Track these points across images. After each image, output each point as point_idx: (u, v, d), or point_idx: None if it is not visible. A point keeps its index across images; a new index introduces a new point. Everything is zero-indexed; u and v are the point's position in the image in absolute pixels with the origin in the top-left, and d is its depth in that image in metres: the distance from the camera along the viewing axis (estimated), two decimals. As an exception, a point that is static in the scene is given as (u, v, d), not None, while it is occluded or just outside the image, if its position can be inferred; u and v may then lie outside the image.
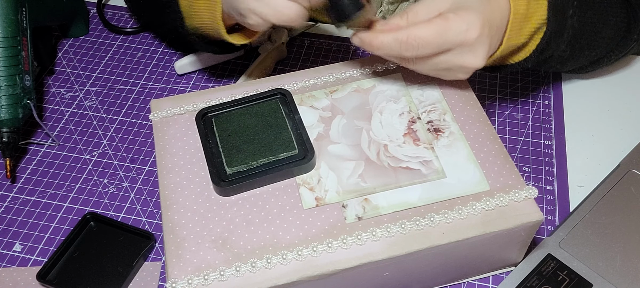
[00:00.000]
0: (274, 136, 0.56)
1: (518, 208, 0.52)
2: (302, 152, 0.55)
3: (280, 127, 0.56)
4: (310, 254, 0.49)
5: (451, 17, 0.52)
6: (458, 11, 0.53)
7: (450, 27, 0.52)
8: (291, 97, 0.59)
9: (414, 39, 0.52)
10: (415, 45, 0.52)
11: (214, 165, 0.54)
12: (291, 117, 0.58)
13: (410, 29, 0.52)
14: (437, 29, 0.52)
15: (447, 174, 0.54)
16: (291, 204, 0.52)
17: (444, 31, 0.52)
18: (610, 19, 0.65)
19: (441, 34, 0.52)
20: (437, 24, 0.52)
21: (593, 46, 0.66)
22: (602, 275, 0.56)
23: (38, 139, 0.73)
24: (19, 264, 0.62)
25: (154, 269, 0.61)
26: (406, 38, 0.52)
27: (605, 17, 0.64)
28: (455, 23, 0.52)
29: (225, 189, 0.53)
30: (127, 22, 0.88)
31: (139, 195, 0.67)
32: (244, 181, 0.53)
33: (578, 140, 0.72)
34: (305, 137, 0.56)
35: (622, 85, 0.78)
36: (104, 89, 0.79)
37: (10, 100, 0.67)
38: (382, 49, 0.54)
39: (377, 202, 0.52)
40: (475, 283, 0.59)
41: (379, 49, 0.54)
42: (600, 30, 0.64)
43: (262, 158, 0.54)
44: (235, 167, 0.54)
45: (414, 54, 0.53)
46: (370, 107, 0.59)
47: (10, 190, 0.68)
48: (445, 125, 0.58)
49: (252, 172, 0.54)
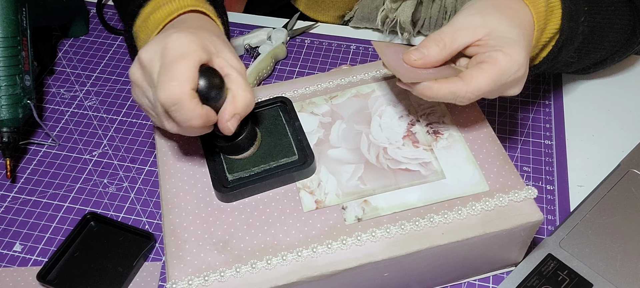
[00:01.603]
0: (275, 143, 0.56)
1: (518, 209, 0.52)
2: (302, 158, 0.55)
3: (281, 133, 0.57)
4: (310, 255, 0.49)
5: (501, 59, 0.51)
6: (505, 49, 0.51)
7: (504, 72, 0.51)
8: (291, 105, 0.60)
9: (471, 91, 0.51)
10: (472, 97, 0.52)
11: (216, 172, 0.54)
12: (291, 124, 0.58)
13: (466, 82, 0.51)
14: (493, 77, 0.51)
15: (447, 175, 0.54)
16: (291, 207, 0.52)
17: (499, 77, 0.51)
18: (617, 22, 0.64)
19: (497, 80, 0.51)
20: (491, 70, 0.51)
21: (599, 49, 0.66)
22: (603, 275, 0.56)
23: (38, 138, 0.73)
24: (19, 264, 0.62)
25: (154, 269, 0.61)
26: (463, 93, 0.51)
27: (613, 20, 0.64)
28: (508, 66, 0.51)
29: (227, 195, 0.53)
30: (127, 22, 0.88)
31: (139, 195, 0.67)
32: (245, 187, 0.53)
33: (578, 140, 0.72)
34: (305, 143, 0.56)
35: (622, 85, 0.78)
36: (104, 89, 0.79)
37: (10, 100, 0.67)
38: (436, 99, 0.53)
39: (377, 204, 0.52)
40: (475, 283, 0.59)
41: (433, 99, 0.52)
42: (607, 33, 0.64)
43: (263, 165, 0.54)
44: (237, 173, 0.54)
45: (470, 101, 0.52)
46: (370, 111, 0.59)
47: (10, 190, 0.68)
48: (444, 127, 0.58)
49: (253, 178, 0.54)
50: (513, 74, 0.52)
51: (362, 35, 0.85)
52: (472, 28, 0.53)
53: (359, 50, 0.83)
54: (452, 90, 0.51)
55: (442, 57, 0.53)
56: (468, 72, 0.52)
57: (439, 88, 0.52)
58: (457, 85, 0.51)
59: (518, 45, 0.52)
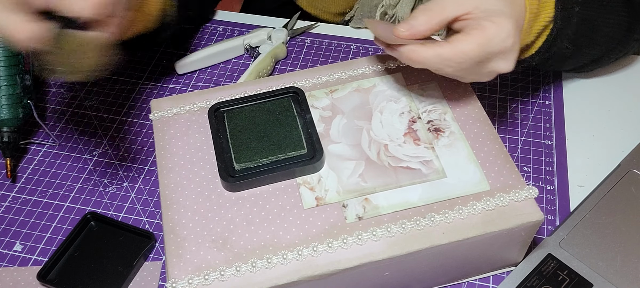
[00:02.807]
0: (284, 134, 0.56)
1: (518, 208, 0.52)
2: (310, 152, 0.55)
3: (291, 125, 0.56)
4: (311, 254, 0.49)
5: (489, 26, 0.51)
6: (492, 18, 0.52)
7: (491, 38, 0.51)
8: (304, 96, 0.59)
9: (457, 54, 0.51)
10: (458, 61, 0.51)
11: (223, 160, 0.54)
12: (302, 116, 0.58)
13: (453, 44, 0.51)
14: (479, 42, 0.51)
15: (448, 174, 0.54)
16: (291, 204, 0.52)
17: (486, 43, 0.51)
18: (612, 17, 0.65)
19: (484, 46, 0.51)
20: (478, 36, 0.51)
21: (594, 44, 0.66)
22: (603, 275, 0.56)
23: (38, 138, 0.73)
24: (19, 264, 0.62)
25: (154, 269, 0.61)
26: (449, 54, 0.51)
27: (607, 14, 0.64)
28: (496, 33, 0.51)
29: (233, 185, 0.53)
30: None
31: (139, 195, 0.67)
32: (251, 177, 0.53)
33: (578, 140, 0.72)
34: (315, 137, 0.56)
35: (622, 85, 0.78)
36: (104, 89, 0.79)
37: (10, 99, 0.67)
38: (422, 64, 0.52)
39: (378, 202, 0.52)
40: (475, 283, 0.59)
41: (419, 63, 0.52)
42: (601, 27, 0.64)
43: (271, 156, 0.54)
44: (244, 163, 0.54)
45: (456, 68, 0.52)
46: (371, 107, 0.59)
47: (10, 190, 0.68)
48: (445, 125, 0.58)
49: (259, 169, 0.54)
50: (501, 42, 0.52)
51: (363, 35, 0.85)
52: (460, 1, 0.53)
53: (358, 51, 0.83)
54: (438, 52, 0.51)
55: (430, 27, 0.53)
56: (455, 36, 0.52)
57: (425, 50, 0.51)
58: (444, 48, 0.51)
59: (505, 16, 0.52)
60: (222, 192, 0.54)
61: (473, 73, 0.54)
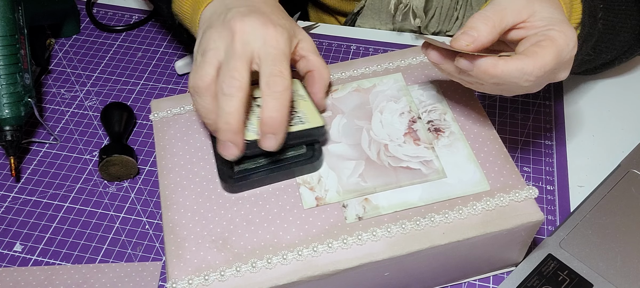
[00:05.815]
0: None
1: (518, 208, 0.52)
2: (309, 151, 0.55)
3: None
4: (311, 254, 0.49)
5: (558, 36, 0.49)
6: (558, 27, 0.49)
7: (563, 49, 0.48)
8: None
9: (538, 68, 0.47)
10: (538, 74, 0.48)
11: (222, 161, 0.54)
12: None
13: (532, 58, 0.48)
14: (555, 53, 0.48)
15: (448, 174, 0.54)
16: (291, 204, 0.52)
17: (559, 54, 0.48)
18: (628, 22, 0.64)
19: (557, 58, 0.48)
20: (552, 47, 0.48)
21: (611, 48, 0.65)
22: (603, 275, 0.56)
23: (39, 138, 0.73)
24: (20, 264, 0.62)
25: (154, 269, 0.61)
26: (532, 68, 0.47)
27: (625, 20, 0.63)
28: (565, 42, 0.49)
29: (232, 186, 0.53)
30: (119, 21, 0.88)
31: (139, 195, 0.67)
32: (250, 178, 0.53)
33: (578, 140, 0.72)
34: None
35: (622, 85, 0.78)
36: (104, 89, 0.79)
37: (11, 98, 0.67)
38: (499, 79, 0.48)
39: (378, 202, 0.52)
40: (475, 283, 0.59)
41: (497, 77, 0.48)
42: (619, 32, 0.64)
43: (270, 156, 0.54)
44: (243, 164, 0.54)
45: (533, 82, 0.49)
46: (371, 107, 0.59)
47: (10, 189, 0.68)
48: (445, 125, 0.58)
49: (259, 170, 0.54)
50: (570, 52, 0.49)
51: (363, 35, 0.85)
52: (518, 9, 0.50)
53: (359, 51, 0.83)
54: (520, 67, 0.47)
55: (493, 37, 0.49)
56: (530, 49, 0.49)
57: (505, 65, 0.47)
58: (525, 62, 0.47)
59: (567, 24, 0.50)
60: (222, 192, 0.54)
61: (538, 85, 0.51)
